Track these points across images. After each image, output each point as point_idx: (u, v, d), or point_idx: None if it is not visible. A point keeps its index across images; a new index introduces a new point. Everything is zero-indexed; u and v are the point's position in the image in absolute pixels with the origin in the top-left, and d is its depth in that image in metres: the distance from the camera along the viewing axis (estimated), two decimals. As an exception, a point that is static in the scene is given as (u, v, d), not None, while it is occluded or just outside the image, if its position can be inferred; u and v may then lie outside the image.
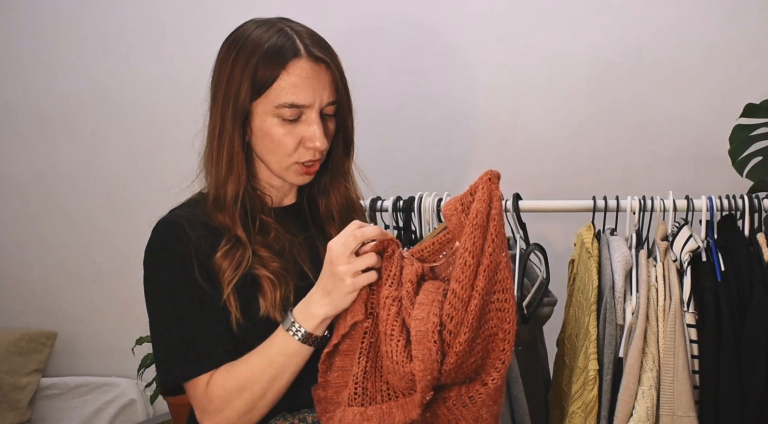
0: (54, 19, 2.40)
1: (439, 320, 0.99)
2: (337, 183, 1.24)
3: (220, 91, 1.15)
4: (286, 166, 1.15)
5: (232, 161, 1.14)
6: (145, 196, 2.40)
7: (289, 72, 1.10)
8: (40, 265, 2.54)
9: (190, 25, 2.31)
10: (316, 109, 1.12)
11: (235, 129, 1.13)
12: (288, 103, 1.10)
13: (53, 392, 2.49)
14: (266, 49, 1.11)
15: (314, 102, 1.11)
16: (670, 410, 1.39)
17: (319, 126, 1.12)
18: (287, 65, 1.10)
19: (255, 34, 1.14)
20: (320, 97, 1.12)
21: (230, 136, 1.14)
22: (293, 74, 1.10)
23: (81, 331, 2.54)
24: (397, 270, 1.08)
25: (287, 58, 1.10)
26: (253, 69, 1.11)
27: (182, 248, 1.11)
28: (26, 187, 2.51)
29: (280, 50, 1.11)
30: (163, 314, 1.13)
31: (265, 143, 1.14)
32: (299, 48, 1.11)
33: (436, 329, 0.99)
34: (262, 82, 1.11)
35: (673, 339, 1.39)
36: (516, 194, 1.60)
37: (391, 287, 1.06)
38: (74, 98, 2.42)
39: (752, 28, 1.92)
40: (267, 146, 1.14)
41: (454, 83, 2.11)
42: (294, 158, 1.14)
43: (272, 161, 1.15)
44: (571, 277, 1.62)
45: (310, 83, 1.11)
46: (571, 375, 1.52)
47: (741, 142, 1.69)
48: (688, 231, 1.48)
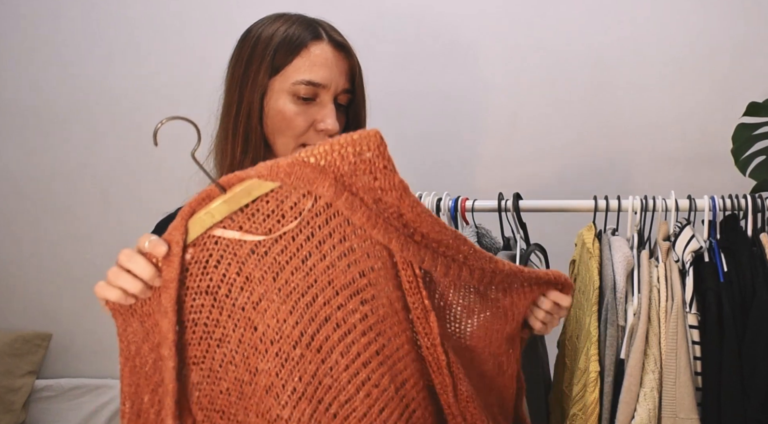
0: (50, 17, 2.40)
1: None
2: None
3: (238, 70, 1.15)
4: (293, 148, 1.14)
5: (249, 139, 1.13)
6: (141, 196, 2.39)
7: (310, 50, 1.12)
8: (34, 266, 2.53)
9: (187, 24, 2.31)
10: (331, 93, 1.12)
11: (253, 106, 1.13)
12: (305, 81, 1.11)
13: (48, 394, 2.47)
14: (288, 31, 1.13)
15: (330, 84, 1.12)
16: (672, 412, 1.37)
17: (332, 109, 1.12)
18: (308, 44, 1.12)
19: (277, 22, 1.15)
20: (336, 81, 1.13)
21: (248, 114, 1.13)
22: (313, 53, 1.12)
23: (76, 332, 2.53)
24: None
25: (308, 39, 1.12)
26: (274, 48, 1.12)
27: None
28: (21, 187, 2.50)
29: (302, 33, 1.13)
30: None
31: (276, 122, 1.13)
32: (321, 33, 1.14)
33: None
34: (282, 60, 1.12)
35: (675, 340, 1.38)
36: (516, 194, 1.59)
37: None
38: (70, 98, 2.42)
39: (755, 26, 1.92)
40: (278, 125, 1.13)
41: (453, 82, 2.12)
42: (302, 140, 1.13)
43: (280, 143, 1.14)
44: (571, 277, 1.61)
45: (328, 65, 1.12)
46: (571, 377, 1.51)
47: (744, 142, 1.68)
48: (691, 231, 1.47)
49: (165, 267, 0.81)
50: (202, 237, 0.82)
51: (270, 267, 0.82)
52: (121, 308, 0.85)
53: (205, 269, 0.82)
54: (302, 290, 0.83)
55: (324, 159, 0.80)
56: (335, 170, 0.80)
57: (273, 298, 0.83)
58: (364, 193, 0.80)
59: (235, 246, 0.83)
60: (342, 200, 0.79)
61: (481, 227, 1.59)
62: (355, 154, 0.80)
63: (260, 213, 0.82)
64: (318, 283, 0.83)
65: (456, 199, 1.57)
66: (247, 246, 0.82)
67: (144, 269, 0.83)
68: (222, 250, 0.83)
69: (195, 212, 0.82)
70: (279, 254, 0.82)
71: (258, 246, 0.83)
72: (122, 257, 0.85)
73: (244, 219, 0.82)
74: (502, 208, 1.56)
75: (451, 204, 1.56)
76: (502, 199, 1.56)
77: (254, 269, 0.82)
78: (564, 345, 1.60)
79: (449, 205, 1.56)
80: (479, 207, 1.57)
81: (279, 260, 0.83)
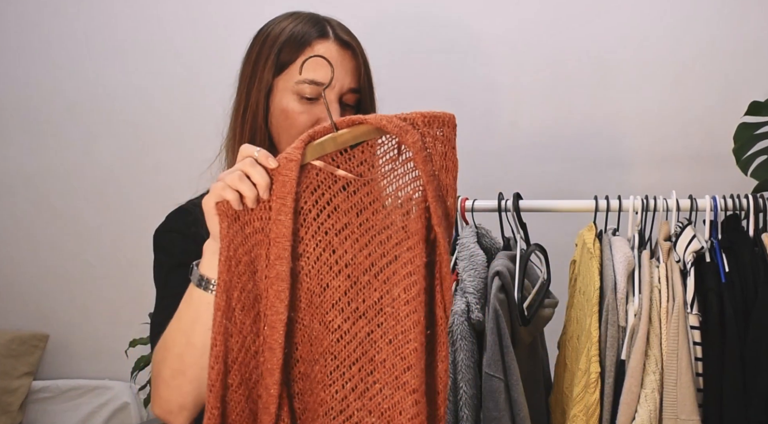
0: (44, 17, 2.40)
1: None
2: None
3: (247, 69, 1.16)
4: None
5: (255, 137, 1.14)
6: (137, 196, 2.39)
7: (314, 49, 1.12)
8: (31, 266, 2.53)
9: (182, 25, 2.31)
10: (336, 92, 1.12)
11: (259, 104, 1.14)
12: (308, 80, 1.11)
13: (45, 395, 2.47)
14: (295, 30, 1.15)
15: (333, 83, 1.11)
16: (674, 414, 1.37)
17: (336, 109, 1.11)
18: (312, 43, 1.12)
19: (285, 21, 1.15)
20: (342, 80, 1.12)
21: (254, 112, 1.14)
22: (317, 52, 1.11)
23: (73, 333, 2.53)
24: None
25: (313, 37, 1.13)
26: (280, 46, 1.12)
27: (187, 232, 1.11)
28: (17, 187, 2.51)
29: (308, 31, 1.14)
30: (157, 295, 1.13)
31: (279, 121, 1.13)
32: (327, 31, 1.14)
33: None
34: (287, 58, 1.12)
35: (677, 341, 1.38)
36: (516, 194, 1.58)
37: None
38: (65, 97, 2.42)
39: (757, 24, 1.93)
40: (281, 124, 1.14)
41: (453, 81, 2.12)
42: None
43: (284, 142, 1.15)
44: (572, 278, 1.61)
45: (332, 63, 1.12)
46: (572, 378, 1.51)
47: (745, 141, 1.68)
48: (692, 231, 1.47)
49: (282, 181, 0.93)
50: (307, 165, 0.95)
51: (356, 204, 0.97)
52: (229, 210, 0.94)
53: (303, 193, 0.96)
54: (379, 228, 0.98)
55: (415, 122, 0.96)
56: (422, 132, 0.96)
57: (354, 229, 0.97)
58: (434, 162, 0.97)
59: (330, 180, 0.97)
60: (421, 157, 0.94)
61: (481, 227, 1.59)
62: (439, 125, 0.97)
63: (356, 159, 0.97)
64: (393, 225, 0.98)
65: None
66: (340, 182, 0.97)
67: (263, 178, 0.92)
68: (320, 180, 0.96)
69: (313, 139, 0.95)
70: (365, 196, 0.98)
71: (349, 184, 0.97)
72: (246, 163, 0.92)
73: (344, 160, 0.97)
74: (502, 208, 1.55)
75: (451, 204, 1.55)
76: (502, 199, 1.56)
77: (342, 202, 0.97)
78: (564, 346, 1.60)
79: (449, 205, 1.55)
80: (479, 207, 1.56)
81: (364, 200, 0.98)
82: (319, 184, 0.96)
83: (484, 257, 1.47)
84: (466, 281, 1.41)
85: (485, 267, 1.45)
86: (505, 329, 1.36)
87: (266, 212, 0.94)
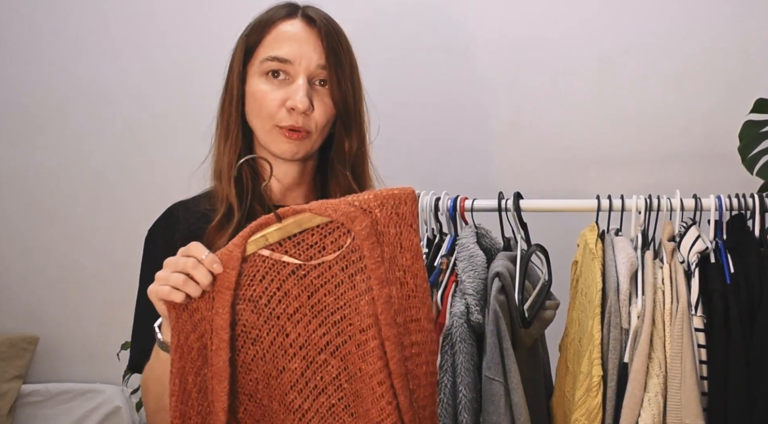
0: (37, 15, 2.40)
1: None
2: (335, 172, 1.21)
3: (229, 62, 1.18)
4: (268, 130, 1.14)
5: (229, 127, 1.16)
6: (129, 197, 2.40)
7: (278, 27, 1.13)
8: (21, 267, 2.53)
9: (176, 23, 2.32)
10: (303, 70, 1.11)
11: (234, 93, 1.15)
12: (270, 57, 1.11)
13: (35, 399, 2.45)
14: (263, 15, 1.15)
15: (298, 60, 1.11)
16: (678, 418, 1.35)
17: (303, 87, 1.11)
18: (276, 23, 1.13)
19: (266, 10, 1.18)
20: (308, 57, 1.12)
21: (229, 104, 1.16)
22: (280, 30, 1.12)
23: (64, 335, 2.53)
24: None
25: (277, 17, 1.14)
26: (248, 31, 1.14)
27: (170, 237, 1.12)
28: (7, 187, 2.51)
29: (275, 13, 1.15)
30: (137, 299, 1.17)
31: (251, 105, 1.15)
32: (296, 12, 1.13)
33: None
34: (253, 41, 1.12)
35: (681, 344, 1.36)
36: (517, 193, 1.56)
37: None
38: (56, 96, 2.42)
39: (762, 21, 1.93)
40: (252, 108, 1.15)
41: (453, 80, 2.12)
42: (275, 121, 1.13)
43: (257, 126, 1.16)
44: (573, 279, 1.59)
45: (296, 39, 1.13)
46: (574, 381, 1.49)
47: (751, 139, 1.68)
48: (696, 231, 1.45)
49: (224, 276, 0.99)
50: (254, 255, 1.00)
51: (307, 287, 1.01)
52: (177, 305, 1.00)
53: (252, 281, 1.00)
54: (332, 309, 1.01)
55: (367, 205, 0.99)
56: (374, 216, 0.99)
57: (306, 312, 1.01)
58: (387, 245, 1.01)
59: (279, 266, 1.01)
60: (368, 243, 0.98)
61: (481, 227, 1.57)
62: (393, 205, 1.01)
63: (305, 243, 1.01)
64: (346, 306, 1.01)
65: (455, 198, 1.54)
66: (289, 268, 1.01)
67: (206, 278, 0.98)
68: (268, 267, 1.00)
69: (254, 233, 1.00)
70: (316, 278, 1.01)
71: (298, 269, 1.01)
72: (188, 264, 0.97)
73: (291, 246, 1.01)
74: (502, 207, 1.53)
75: (450, 203, 1.53)
76: (503, 199, 1.54)
77: (293, 287, 1.01)
78: (566, 348, 1.58)
79: (448, 205, 1.53)
80: (479, 207, 1.54)
81: (315, 282, 1.01)
82: (267, 271, 1.00)
83: (483, 257, 1.45)
84: (466, 282, 1.39)
85: (485, 268, 1.43)
86: (506, 331, 1.35)
87: (210, 301, 1.00)
